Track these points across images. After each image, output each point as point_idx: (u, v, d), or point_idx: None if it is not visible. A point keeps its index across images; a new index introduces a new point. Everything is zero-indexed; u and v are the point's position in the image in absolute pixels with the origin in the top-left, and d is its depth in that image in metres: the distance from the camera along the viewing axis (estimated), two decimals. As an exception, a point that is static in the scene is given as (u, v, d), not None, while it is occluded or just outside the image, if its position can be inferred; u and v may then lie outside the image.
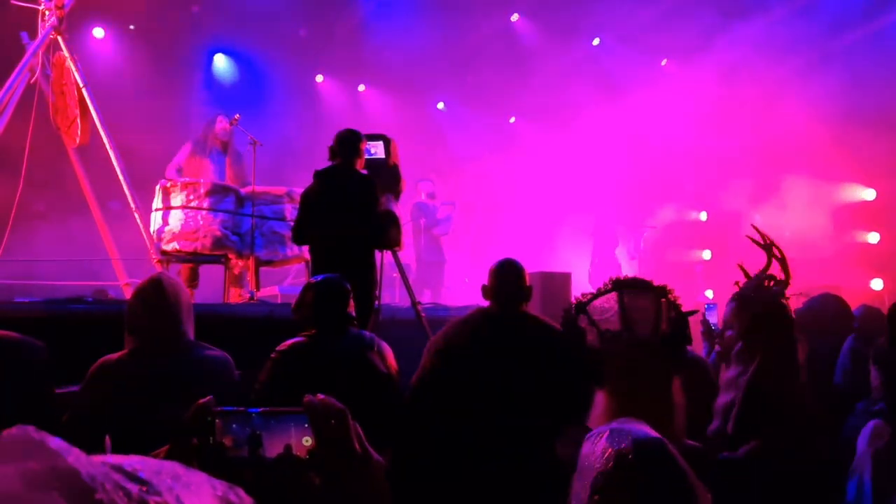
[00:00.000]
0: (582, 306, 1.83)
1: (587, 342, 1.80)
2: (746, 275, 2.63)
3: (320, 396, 1.12)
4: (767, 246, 2.67)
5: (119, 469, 0.54)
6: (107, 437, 2.38)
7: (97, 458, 0.55)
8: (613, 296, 1.79)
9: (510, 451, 2.51)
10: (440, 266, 9.46)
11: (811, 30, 9.07)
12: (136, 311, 2.89)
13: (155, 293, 2.87)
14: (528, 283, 3.06)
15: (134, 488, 0.52)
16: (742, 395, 2.40)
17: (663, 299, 1.78)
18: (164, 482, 0.54)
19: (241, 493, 0.66)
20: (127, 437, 2.20)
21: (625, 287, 1.79)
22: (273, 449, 1.13)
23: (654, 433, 1.50)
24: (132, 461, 0.57)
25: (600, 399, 1.92)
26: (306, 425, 1.13)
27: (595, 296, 1.83)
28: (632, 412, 1.89)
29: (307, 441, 1.13)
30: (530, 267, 6.05)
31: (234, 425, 1.14)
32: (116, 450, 2.30)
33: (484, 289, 3.06)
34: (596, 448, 1.50)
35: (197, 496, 0.57)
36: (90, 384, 2.77)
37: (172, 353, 2.80)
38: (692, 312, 1.88)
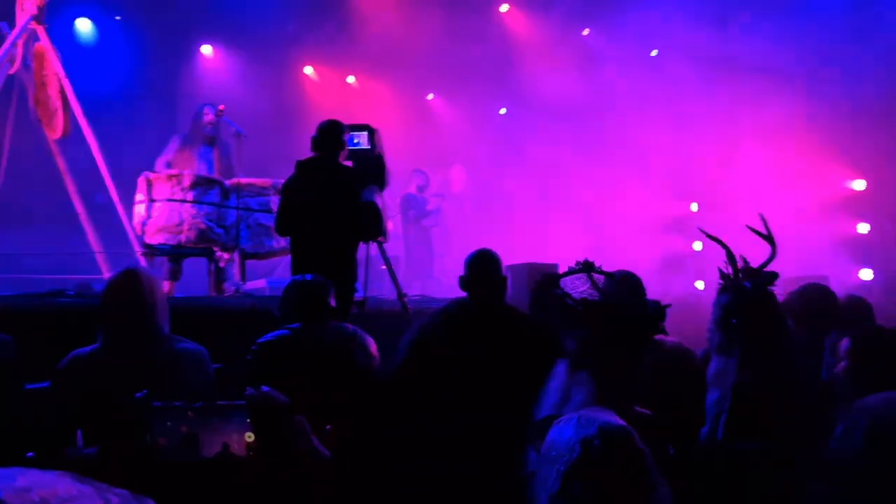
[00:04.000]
0: (555, 280, 1.85)
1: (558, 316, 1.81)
2: (733, 263, 2.57)
3: (264, 389, 1.07)
4: (770, 237, 2.62)
5: None
6: (78, 432, 2.33)
7: None
8: (583, 275, 1.78)
9: (485, 444, 2.47)
10: (429, 258, 9.42)
11: (805, 21, 9.03)
12: (109, 304, 2.84)
13: (128, 285, 2.82)
14: (503, 274, 3.06)
15: None
16: (729, 397, 2.29)
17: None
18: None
19: (150, 502, 0.61)
20: (98, 431, 2.15)
21: (593, 268, 1.79)
22: (211, 447, 1.08)
23: (620, 421, 1.48)
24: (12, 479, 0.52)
25: (580, 379, 1.90)
26: (248, 420, 1.09)
27: (565, 274, 1.82)
28: (607, 386, 1.87)
29: (249, 437, 1.08)
30: (522, 258, 5.99)
31: (169, 423, 1.08)
32: (88, 444, 2.24)
33: (460, 279, 3.07)
34: (563, 435, 1.48)
35: None
36: (60, 378, 2.72)
37: (146, 347, 2.76)
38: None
